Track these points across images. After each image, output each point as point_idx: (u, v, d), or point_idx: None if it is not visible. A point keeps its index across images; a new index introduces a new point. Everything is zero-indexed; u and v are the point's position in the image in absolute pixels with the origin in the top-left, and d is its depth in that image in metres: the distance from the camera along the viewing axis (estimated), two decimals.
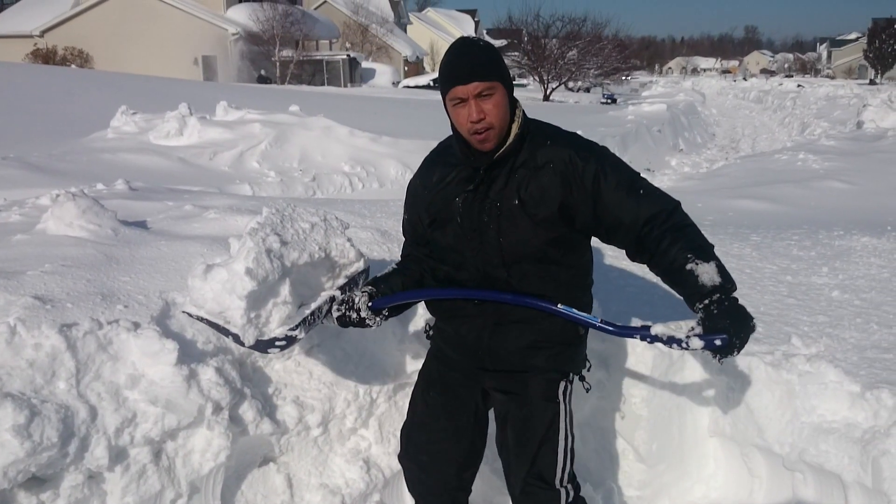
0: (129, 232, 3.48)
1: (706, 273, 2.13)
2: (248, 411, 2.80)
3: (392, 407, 3.27)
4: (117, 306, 2.73)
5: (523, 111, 2.36)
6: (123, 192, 5.10)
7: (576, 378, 2.56)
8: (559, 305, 2.33)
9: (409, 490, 2.81)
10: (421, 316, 3.34)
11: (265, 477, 2.93)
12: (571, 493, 2.50)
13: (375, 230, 3.89)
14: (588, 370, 2.61)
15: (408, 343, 3.32)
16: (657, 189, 2.35)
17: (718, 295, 2.12)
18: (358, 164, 11.84)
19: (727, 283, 2.15)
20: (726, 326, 2.07)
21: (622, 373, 3.41)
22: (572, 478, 2.52)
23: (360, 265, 2.68)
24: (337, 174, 11.46)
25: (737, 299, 2.14)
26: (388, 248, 3.74)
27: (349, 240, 2.65)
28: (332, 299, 2.56)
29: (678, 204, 2.31)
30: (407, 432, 2.72)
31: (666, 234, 2.22)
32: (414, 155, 12.35)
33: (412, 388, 3.30)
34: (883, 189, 8.73)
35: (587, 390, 2.61)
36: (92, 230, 3.36)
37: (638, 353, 3.36)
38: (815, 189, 8.89)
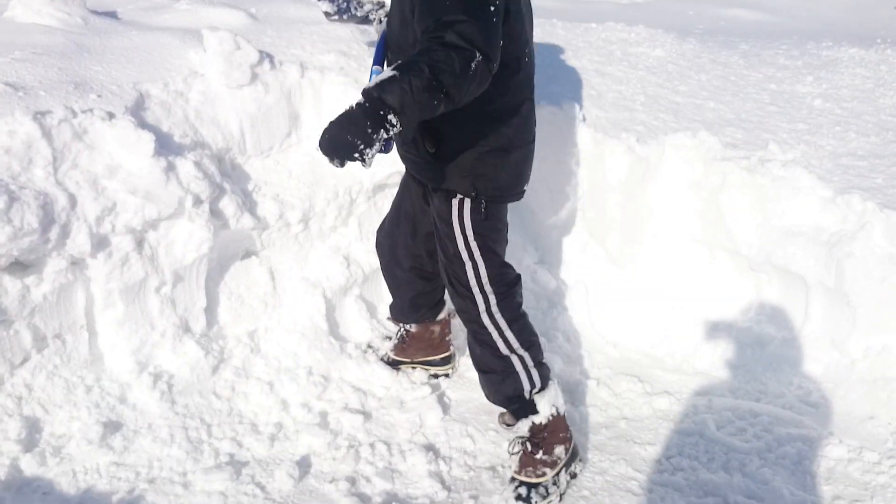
0: (100, 21, 3.34)
1: (380, 76, 1.87)
2: (228, 205, 2.83)
3: (371, 207, 3.30)
4: (90, 95, 2.67)
5: None
6: None
7: (472, 198, 2.35)
8: (374, 66, 2.34)
9: (383, 275, 2.95)
10: None
11: (248, 269, 3.00)
12: (492, 298, 2.42)
13: None
14: (476, 196, 2.33)
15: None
16: None
17: (360, 100, 1.85)
18: None
19: (375, 91, 1.83)
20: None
21: (598, 174, 3.44)
22: (495, 281, 2.42)
23: None
24: None
25: (359, 109, 1.83)
26: None
27: None
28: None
29: (439, 20, 1.91)
30: (381, 228, 2.89)
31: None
32: None
33: (391, 189, 3.33)
34: (877, 1, 8.48)
35: (483, 218, 2.36)
36: (61, 18, 3.24)
37: (617, 156, 3.38)
38: None
